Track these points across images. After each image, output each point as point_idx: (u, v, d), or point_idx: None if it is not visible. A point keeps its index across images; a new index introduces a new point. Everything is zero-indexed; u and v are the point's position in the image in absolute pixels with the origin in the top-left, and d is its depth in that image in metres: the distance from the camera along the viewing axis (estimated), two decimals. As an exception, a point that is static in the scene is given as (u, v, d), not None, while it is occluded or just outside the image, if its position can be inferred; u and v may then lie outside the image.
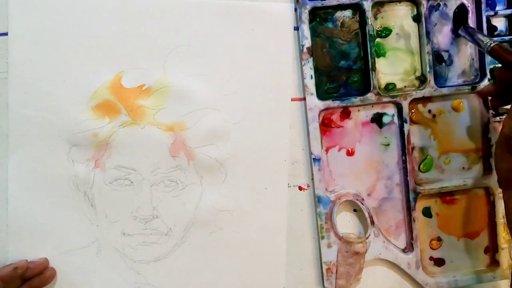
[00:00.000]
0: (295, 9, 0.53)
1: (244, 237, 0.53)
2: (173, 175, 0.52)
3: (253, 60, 0.53)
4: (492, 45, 0.48)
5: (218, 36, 0.52)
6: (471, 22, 0.56)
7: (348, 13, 0.55)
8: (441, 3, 0.56)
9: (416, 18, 0.55)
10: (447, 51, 0.56)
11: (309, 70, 0.53)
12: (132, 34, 0.51)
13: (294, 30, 0.53)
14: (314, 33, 0.54)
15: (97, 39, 0.51)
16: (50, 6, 0.50)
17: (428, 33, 0.55)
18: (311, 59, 0.53)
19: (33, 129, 0.50)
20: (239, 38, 0.52)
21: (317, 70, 0.54)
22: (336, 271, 0.54)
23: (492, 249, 0.57)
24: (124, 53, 0.51)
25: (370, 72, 0.54)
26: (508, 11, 0.56)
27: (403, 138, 0.55)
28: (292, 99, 0.54)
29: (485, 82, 0.56)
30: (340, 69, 0.55)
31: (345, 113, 0.55)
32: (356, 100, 0.54)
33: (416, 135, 0.56)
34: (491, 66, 0.56)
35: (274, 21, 0.53)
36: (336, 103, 0.54)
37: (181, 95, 0.51)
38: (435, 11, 0.56)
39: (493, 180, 0.56)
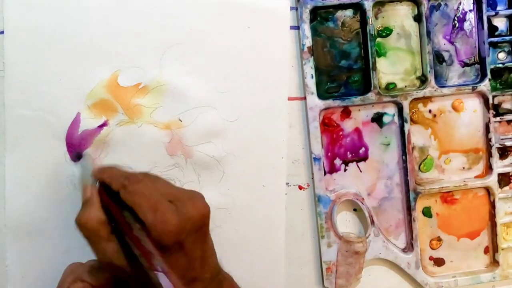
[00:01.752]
0: (296, 8, 0.52)
1: (242, 234, 0.52)
2: (170, 174, 0.50)
3: (249, 57, 0.51)
4: None
5: (214, 34, 0.51)
6: (472, 22, 0.55)
7: (349, 12, 0.53)
8: (442, 3, 0.54)
9: (417, 18, 0.54)
10: (447, 51, 0.55)
11: (309, 69, 0.52)
12: (128, 32, 0.50)
13: (295, 29, 0.52)
14: (314, 32, 0.52)
15: (93, 38, 0.49)
16: (46, 5, 0.48)
17: (429, 33, 0.53)
18: (311, 59, 0.52)
19: (30, 129, 0.49)
20: (235, 36, 0.51)
21: (317, 69, 0.53)
22: (336, 270, 0.53)
23: (492, 249, 0.56)
24: (120, 51, 0.49)
25: (371, 72, 0.52)
26: (509, 11, 0.54)
27: (403, 138, 0.53)
28: (293, 99, 0.52)
29: (486, 82, 0.54)
30: (340, 68, 0.53)
31: (346, 113, 0.53)
32: (357, 99, 0.52)
33: (417, 135, 0.54)
34: (492, 66, 0.54)
35: (270, 18, 0.51)
36: (337, 103, 0.52)
37: (177, 93, 0.50)
38: (436, 11, 0.54)
39: (493, 180, 0.54)
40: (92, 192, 0.42)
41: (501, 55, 0.55)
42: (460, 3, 0.54)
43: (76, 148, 0.49)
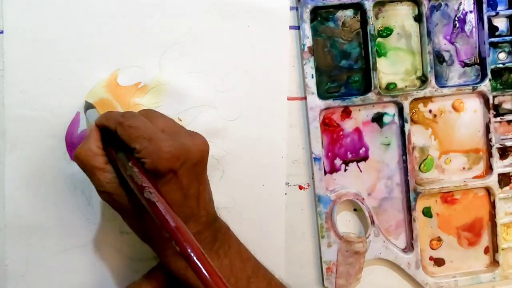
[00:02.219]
0: (296, 8, 0.51)
1: (242, 233, 0.50)
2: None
3: (249, 57, 0.51)
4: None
5: (214, 33, 0.50)
6: (473, 22, 0.54)
7: (349, 12, 0.53)
8: (442, 3, 0.54)
9: (418, 18, 0.53)
10: (448, 51, 0.54)
11: (310, 69, 0.51)
12: (127, 32, 0.49)
13: (295, 29, 0.51)
14: (315, 32, 0.52)
15: (92, 38, 0.49)
16: (45, 5, 0.48)
17: (429, 33, 0.52)
18: (312, 59, 0.51)
19: (30, 128, 0.48)
20: (235, 35, 0.50)
21: (318, 69, 0.52)
22: (336, 270, 0.52)
23: (492, 249, 0.55)
24: (120, 51, 0.49)
25: (371, 72, 0.52)
26: (509, 12, 0.54)
27: (403, 138, 0.53)
28: (293, 99, 0.52)
29: (486, 83, 0.53)
30: (341, 68, 0.53)
31: (346, 113, 0.53)
32: (357, 99, 0.52)
33: (417, 135, 0.54)
34: (492, 66, 0.53)
35: (269, 17, 0.51)
36: (337, 103, 0.52)
37: (177, 93, 0.49)
38: (436, 11, 0.54)
39: (493, 181, 0.54)
40: (92, 129, 0.42)
41: (502, 55, 0.55)
42: (461, 3, 0.54)
43: (76, 147, 0.49)
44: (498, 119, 0.54)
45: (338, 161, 0.53)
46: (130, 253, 0.50)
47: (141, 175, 0.38)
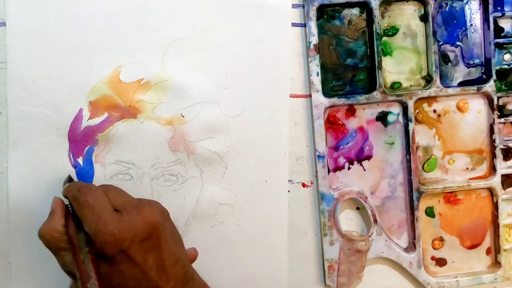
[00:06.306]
0: (303, 6, 0.49)
1: (245, 230, 0.50)
2: (173, 169, 0.49)
3: (251, 53, 0.49)
4: None
5: (216, 29, 0.49)
6: (478, 22, 0.52)
7: (355, 11, 0.51)
8: (448, 3, 0.52)
9: (423, 18, 0.51)
10: (453, 51, 0.52)
11: (315, 67, 0.49)
12: (130, 28, 0.48)
13: (301, 26, 0.50)
14: (321, 30, 0.50)
15: (95, 34, 0.47)
16: (47, 1, 0.47)
17: (435, 33, 0.50)
18: (317, 56, 0.49)
19: (32, 125, 0.47)
20: (237, 31, 0.49)
21: (323, 67, 0.50)
22: (338, 268, 0.51)
23: (494, 250, 0.53)
24: (122, 47, 0.48)
25: (376, 71, 0.50)
26: (515, 13, 0.52)
27: (407, 137, 0.51)
28: (298, 96, 0.50)
29: (491, 83, 0.51)
30: (346, 67, 0.51)
31: (350, 111, 0.51)
32: (362, 98, 0.50)
33: (421, 135, 0.52)
34: (497, 67, 0.52)
35: (272, 14, 0.49)
36: (342, 101, 0.50)
37: (179, 89, 0.48)
38: (442, 11, 0.52)
39: (496, 181, 0.52)
40: (57, 204, 0.41)
41: (507, 56, 0.53)
42: (467, 3, 0.52)
43: (79, 144, 0.47)
44: (502, 120, 0.52)
45: (341, 159, 0.51)
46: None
47: (92, 264, 0.38)
